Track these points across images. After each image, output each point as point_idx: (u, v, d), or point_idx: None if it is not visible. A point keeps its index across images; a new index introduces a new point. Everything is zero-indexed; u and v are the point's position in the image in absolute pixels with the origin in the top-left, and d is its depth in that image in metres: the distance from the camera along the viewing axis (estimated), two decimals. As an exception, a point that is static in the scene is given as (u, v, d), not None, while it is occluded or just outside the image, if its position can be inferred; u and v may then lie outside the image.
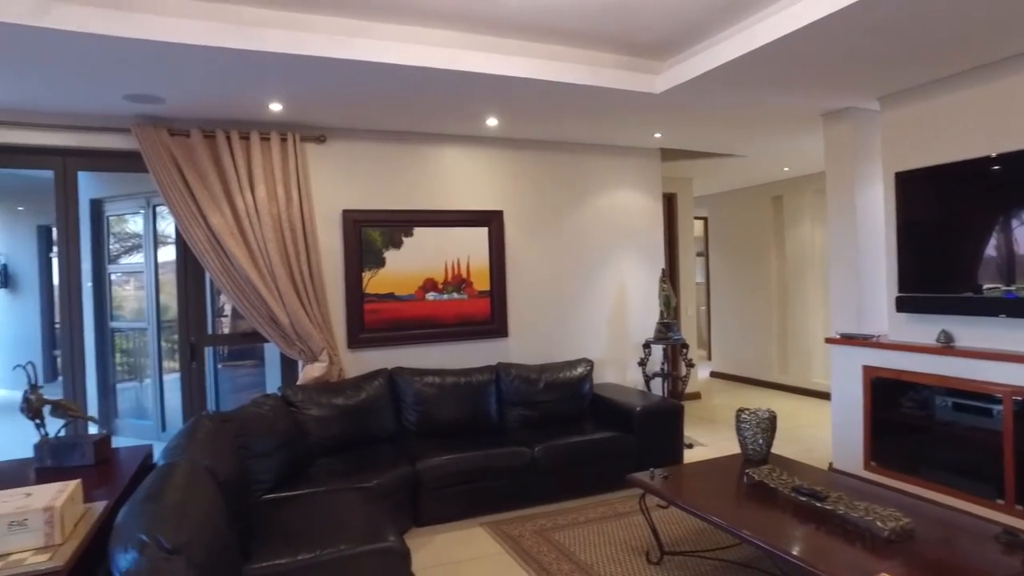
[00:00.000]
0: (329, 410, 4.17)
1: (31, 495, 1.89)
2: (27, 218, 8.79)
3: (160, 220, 6.39)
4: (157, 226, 6.23)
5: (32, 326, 8.88)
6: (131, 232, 6.62)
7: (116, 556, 1.71)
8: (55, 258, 9.04)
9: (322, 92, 3.92)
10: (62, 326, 4.37)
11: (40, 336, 8.91)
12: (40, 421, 2.67)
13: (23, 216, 8.80)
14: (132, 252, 6.65)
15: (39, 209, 8.67)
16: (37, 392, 2.69)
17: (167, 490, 2.15)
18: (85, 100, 3.91)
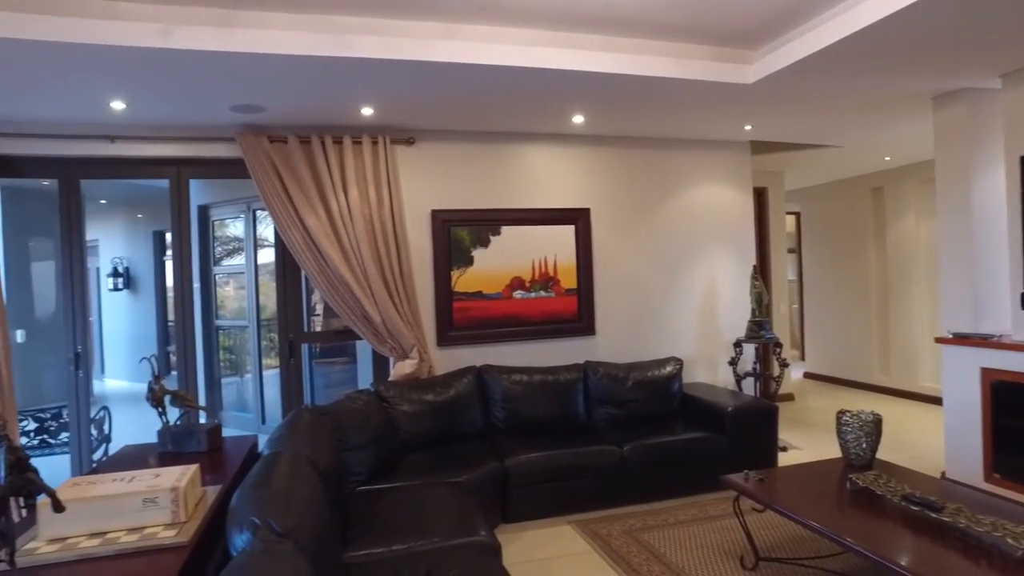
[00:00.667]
0: (420, 406, 4.28)
1: (159, 476, 2.04)
2: (145, 225, 9.48)
3: (259, 224, 6.76)
4: (257, 229, 6.59)
5: (149, 324, 9.56)
6: (232, 236, 7.02)
7: (232, 536, 1.82)
8: (168, 261, 9.71)
9: (411, 95, 4.02)
10: (176, 324, 4.69)
11: (155, 333, 9.59)
12: (162, 410, 2.88)
13: (141, 223, 9.50)
14: (233, 255, 7.06)
15: (154, 216, 9.33)
16: (160, 383, 2.90)
17: (274, 477, 2.26)
18: (196, 113, 4.18)
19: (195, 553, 1.87)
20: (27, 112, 4.11)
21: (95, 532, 1.88)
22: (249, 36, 3.24)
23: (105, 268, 9.92)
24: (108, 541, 1.84)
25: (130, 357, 9.97)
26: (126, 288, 9.86)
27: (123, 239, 9.79)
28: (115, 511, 1.89)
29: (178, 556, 1.80)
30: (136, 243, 9.72)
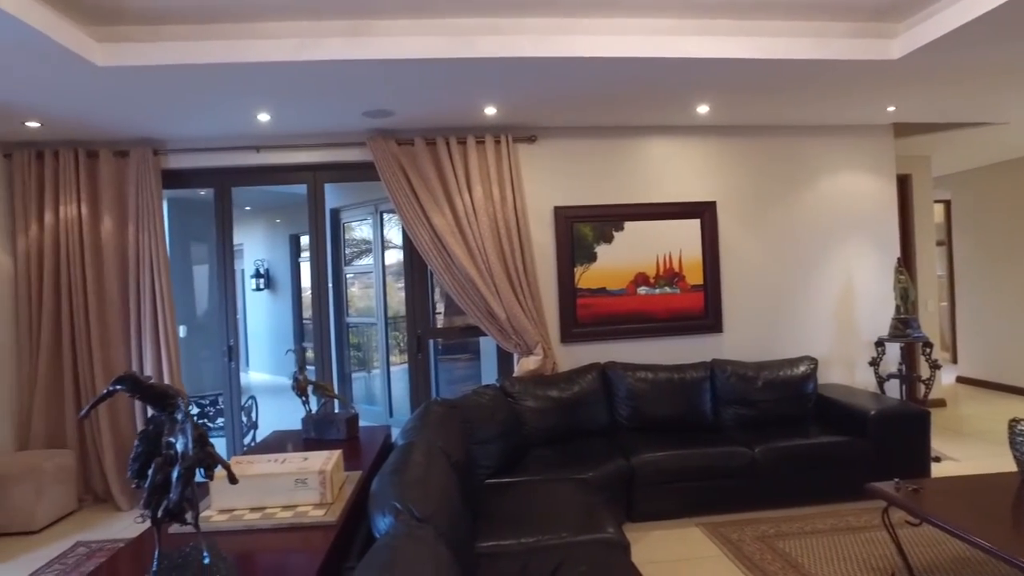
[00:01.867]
0: (544, 402, 4.30)
1: (307, 459, 2.17)
2: (282, 229, 10.20)
3: (386, 226, 7.07)
4: (384, 231, 6.89)
5: (286, 321, 10.28)
6: (359, 238, 7.39)
7: (376, 519, 1.90)
8: (303, 262, 10.40)
9: (534, 92, 4.05)
10: (313, 321, 4.99)
11: (292, 330, 10.29)
12: (305, 399, 3.08)
13: (279, 227, 10.23)
14: (361, 256, 7.43)
15: (291, 220, 10.01)
16: (304, 374, 3.11)
17: (410, 466, 2.34)
18: (331, 120, 4.44)
19: (341, 532, 1.97)
20: (189, 130, 4.53)
21: (255, 506, 2.03)
22: (378, 44, 3.39)
23: (248, 270, 10.77)
24: (267, 515, 1.99)
25: (270, 352, 10.76)
26: (266, 288, 10.64)
27: (264, 243, 10.58)
28: (272, 488, 2.04)
29: (327, 534, 1.91)
30: (275, 246, 10.48)
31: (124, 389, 1.43)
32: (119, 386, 1.43)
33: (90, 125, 4.31)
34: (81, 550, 3.95)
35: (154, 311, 4.57)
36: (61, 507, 4.41)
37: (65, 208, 4.57)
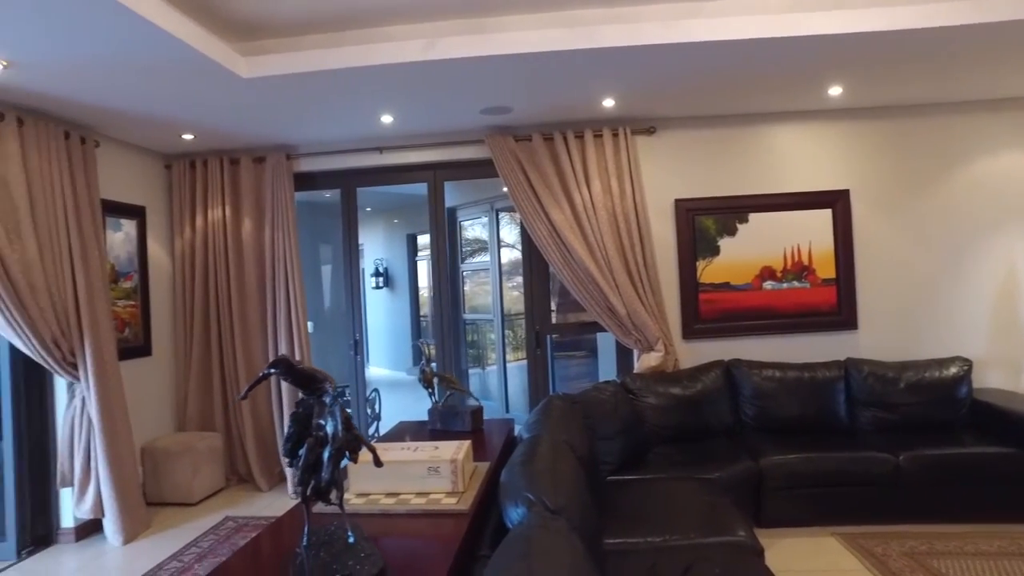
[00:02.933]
0: (666, 399, 4.18)
1: (438, 448, 2.22)
2: (400, 229, 10.59)
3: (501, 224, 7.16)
4: (499, 229, 6.97)
5: (404, 318, 10.66)
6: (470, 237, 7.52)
7: (508, 509, 1.91)
8: (419, 261, 10.75)
9: (654, 82, 3.94)
10: (434, 317, 5.12)
11: (409, 326, 10.66)
12: (432, 390, 3.16)
13: (397, 227, 10.63)
14: (475, 254, 7.57)
15: (408, 220, 10.38)
16: (430, 367, 3.19)
17: (538, 458, 2.34)
18: (451, 119, 4.54)
19: (473, 520, 1.99)
20: (318, 135, 4.78)
21: (390, 492, 2.10)
22: (500, 40, 3.41)
23: (368, 269, 11.26)
24: (401, 501, 2.05)
25: (388, 348, 11.21)
26: (385, 286, 11.09)
27: (382, 242, 11.03)
28: (405, 475, 2.10)
29: (460, 522, 1.93)
30: (392, 245, 10.89)
31: (278, 372, 1.52)
32: (274, 369, 1.51)
33: (233, 135, 4.66)
34: (230, 523, 4.27)
35: (288, 306, 4.87)
36: (212, 484, 4.81)
37: (212, 211, 4.96)
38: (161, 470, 4.60)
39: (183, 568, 3.64)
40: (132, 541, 4.05)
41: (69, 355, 3.88)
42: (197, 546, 3.93)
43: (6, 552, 3.88)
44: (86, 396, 3.96)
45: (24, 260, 3.61)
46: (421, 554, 1.76)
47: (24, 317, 3.57)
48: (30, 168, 3.73)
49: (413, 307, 10.63)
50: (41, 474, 4.04)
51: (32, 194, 3.72)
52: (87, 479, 4.00)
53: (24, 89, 3.54)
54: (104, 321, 4.11)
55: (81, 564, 3.83)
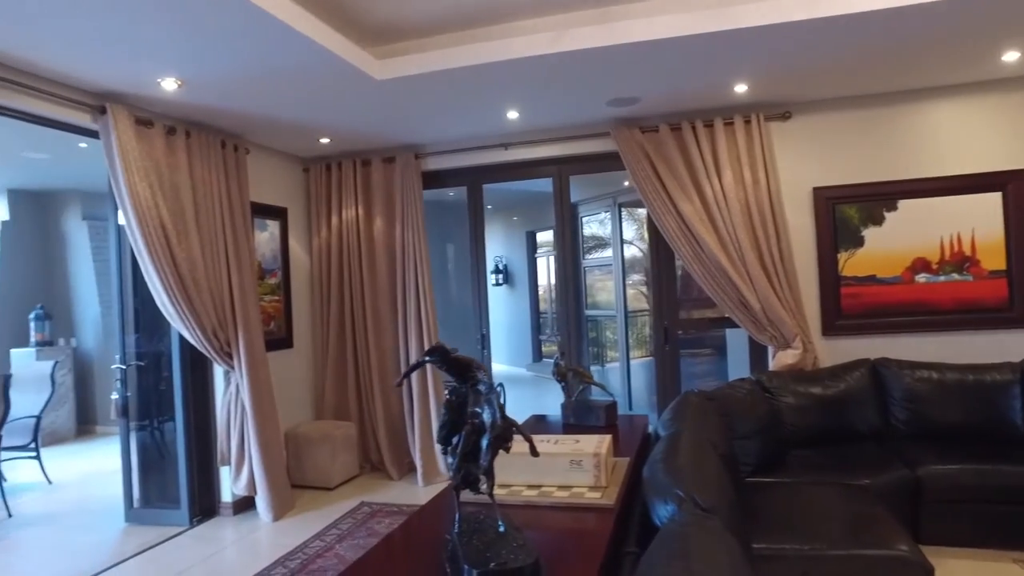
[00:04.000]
0: (805, 399, 3.94)
1: (579, 442, 2.20)
2: (519, 226, 10.69)
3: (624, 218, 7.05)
4: (622, 224, 6.85)
5: (524, 315, 10.76)
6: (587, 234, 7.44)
7: (656, 506, 1.85)
8: (539, 258, 10.81)
9: (793, 63, 3.71)
10: (559, 313, 5.11)
11: (529, 323, 10.74)
12: (565, 385, 3.14)
13: (516, 224, 10.73)
14: (592, 250, 7.49)
15: (527, 218, 10.45)
16: (566, 360, 3.18)
17: (680, 455, 2.26)
18: (576, 113, 4.50)
19: (618, 516, 1.95)
20: (445, 133, 4.90)
21: (532, 484, 2.09)
22: (628, 28, 3.33)
23: (488, 266, 11.44)
24: (544, 493, 2.04)
25: (508, 344, 11.34)
26: (505, 284, 11.23)
27: (502, 240, 11.17)
28: (548, 468, 2.09)
29: (605, 516, 1.90)
30: (512, 243, 11.01)
31: (434, 360, 1.55)
32: (429, 357, 1.55)
33: (366, 136, 4.87)
34: (365, 509, 4.48)
35: (417, 301, 5.03)
36: (348, 471, 5.06)
37: (346, 211, 5.22)
38: (303, 455, 4.90)
39: (326, 548, 3.85)
40: (280, 519, 4.34)
41: (225, 345, 4.21)
42: (337, 528, 4.15)
43: (180, 518, 4.30)
44: (239, 384, 4.28)
45: (190, 258, 3.95)
46: (569, 547, 1.74)
47: (190, 309, 3.91)
48: (195, 175, 4.08)
49: (532, 304, 10.70)
50: (205, 453, 4.42)
51: (196, 199, 4.07)
52: (242, 459, 4.32)
53: (192, 104, 3.88)
54: (254, 315, 4.42)
55: (239, 536, 4.15)
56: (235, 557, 3.91)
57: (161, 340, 4.49)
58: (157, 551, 3.96)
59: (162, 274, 3.76)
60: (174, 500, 4.34)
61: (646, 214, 4.72)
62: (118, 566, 3.78)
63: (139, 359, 4.46)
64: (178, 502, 4.32)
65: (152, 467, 4.53)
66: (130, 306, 4.39)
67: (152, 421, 4.58)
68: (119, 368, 4.39)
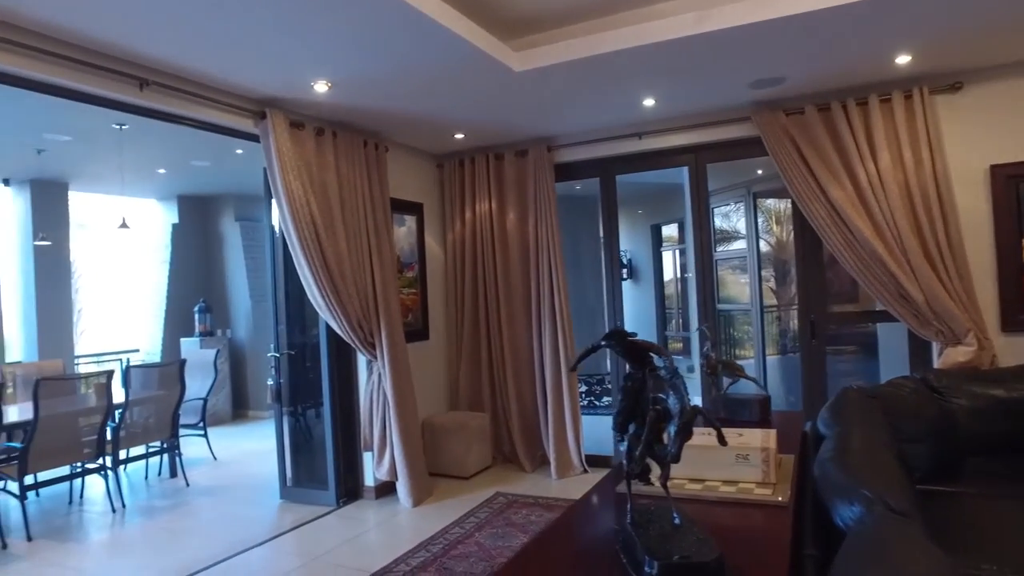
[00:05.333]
0: (983, 402, 3.54)
1: (742, 436, 2.09)
2: (644, 219, 10.46)
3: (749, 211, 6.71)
4: (757, 214, 6.52)
5: (649, 310, 10.52)
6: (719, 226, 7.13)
7: (838, 507, 1.72)
8: (664, 251, 10.53)
9: (970, 23, 3.32)
10: (698, 307, 4.92)
11: (654, 319, 10.49)
12: (715, 378, 3.01)
13: (640, 218, 10.51)
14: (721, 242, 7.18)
15: (652, 211, 10.21)
16: (716, 352, 3.05)
17: (852, 454, 2.09)
18: (714, 97, 4.32)
19: (794, 515, 1.83)
20: (578, 124, 4.87)
21: (695, 477, 2.01)
22: (777, 1, 3.13)
23: (612, 261, 11.28)
24: (708, 488, 1.95)
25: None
26: (629, 278, 11.03)
27: (626, 234, 10.92)
28: (712, 462, 1.99)
29: (779, 515, 1.78)
30: (636, 237, 10.78)
31: (610, 344, 1.51)
32: (606, 341, 1.51)
33: (499, 130, 4.92)
34: (500, 499, 4.54)
35: (551, 295, 5.03)
36: (482, 461, 5.16)
37: (479, 205, 5.31)
38: (439, 444, 5.04)
39: (465, 535, 3.93)
40: (419, 505, 4.49)
41: (369, 336, 4.40)
42: (475, 517, 4.23)
43: (328, 499, 4.56)
44: (382, 373, 4.46)
45: (337, 252, 4.17)
46: (745, 545, 1.65)
47: (338, 300, 4.12)
48: (341, 174, 4.30)
49: (658, 299, 10.45)
50: (349, 438, 4.65)
51: (342, 195, 4.28)
52: (384, 446, 4.51)
53: (339, 105, 4.09)
54: (394, 307, 4.60)
55: (381, 519, 4.33)
56: (379, 539, 4.08)
57: (309, 331, 4.77)
58: (309, 528, 4.21)
59: (313, 266, 3.98)
60: (322, 481, 4.60)
61: (776, 204, 4.45)
62: (276, 539, 4.06)
63: (290, 348, 4.77)
64: (326, 483, 4.58)
65: (301, 449, 4.83)
66: (282, 299, 4.70)
67: (301, 407, 4.89)
68: (273, 356, 4.71)
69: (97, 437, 4.65)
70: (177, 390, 5.26)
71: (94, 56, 3.08)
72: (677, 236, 10.79)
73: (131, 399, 5.07)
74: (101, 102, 3.31)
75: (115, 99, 3.31)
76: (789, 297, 7.48)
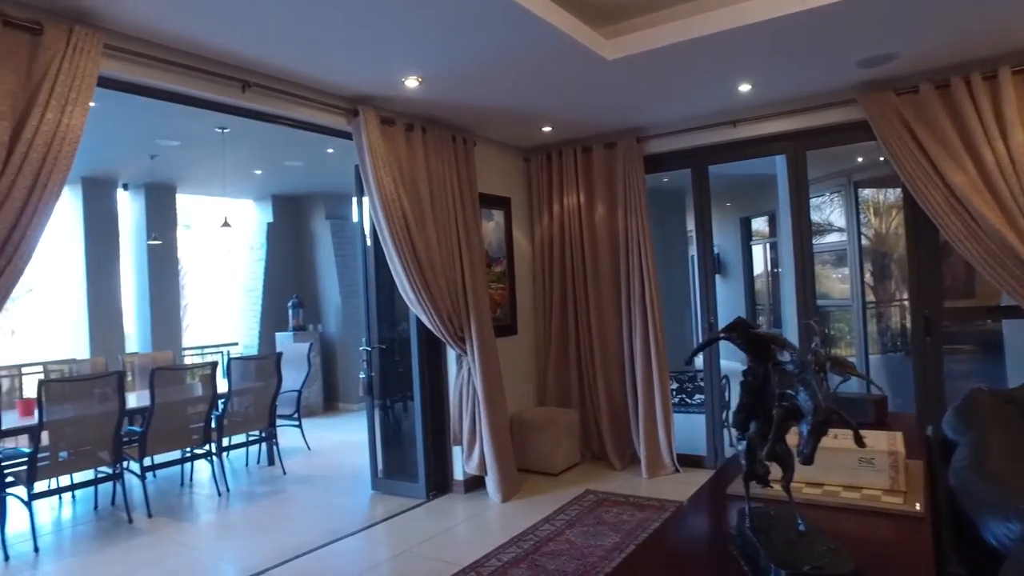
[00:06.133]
0: None
1: (865, 438, 1.93)
2: (733, 212, 10.09)
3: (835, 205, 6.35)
4: (858, 204, 6.15)
5: (738, 307, 10.14)
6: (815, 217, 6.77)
7: (989, 523, 1.56)
8: (755, 245, 10.13)
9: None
10: (799, 304, 4.66)
11: (744, 315, 10.09)
12: (824, 375, 2.83)
13: (729, 211, 10.14)
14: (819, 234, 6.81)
15: (741, 204, 9.83)
16: (826, 348, 2.87)
17: (994, 462, 1.90)
18: (816, 79, 4.07)
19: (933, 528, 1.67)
20: (669, 114, 4.72)
21: (812, 481, 1.87)
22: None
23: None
24: (828, 492, 1.81)
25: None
26: (717, 273, 10.67)
27: (715, 227, 10.59)
28: (831, 465, 1.85)
29: (914, 527, 1.63)
30: (724, 231, 10.41)
31: (730, 336, 1.41)
32: (726, 333, 1.42)
33: (587, 122, 4.84)
34: (590, 497, 4.46)
35: (641, 289, 4.90)
36: (570, 458, 5.09)
37: (567, 199, 5.24)
38: (527, 440, 5.00)
39: (556, 532, 3.87)
40: (508, 500, 4.47)
41: (459, 330, 4.42)
42: (565, 514, 4.17)
43: (418, 491, 4.61)
44: (471, 367, 4.47)
45: (428, 247, 4.20)
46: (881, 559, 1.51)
47: (428, 295, 4.16)
48: (431, 169, 4.33)
49: (747, 295, 10.06)
50: (439, 432, 4.69)
51: (432, 190, 4.31)
52: (473, 440, 4.52)
53: (428, 101, 4.12)
54: (483, 301, 4.60)
55: (470, 513, 4.34)
56: (469, 533, 4.09)
57: (399, 326, 4.85)
58: (400, 519, 4.28)
59: (404, 261, 4.03)
60: (412, 474, 4.66)
61: (875, 195, 4.15)
62: (369, 529, 4.14)
63: (381, 343, 4.85)
64: (416, 476, 4.63)
65: (392, 441, 4.91)
66: (373, 294, 4.79)
67: (391, 400, 4.97)
68: (365, 350, 4.81)
69: (203, 424, 4.90)
70: (274, 382, 5.47)
71: (200, 60, 3.22)
72: (768, 230, 10.35)
73: (233, 390, 5.31)
74: (207, 105, 3.46)
75: (220, 101, 3.44)
76: (889, 293, 7.02)
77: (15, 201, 2.40)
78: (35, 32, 2.52)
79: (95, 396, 4.30)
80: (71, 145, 2.58)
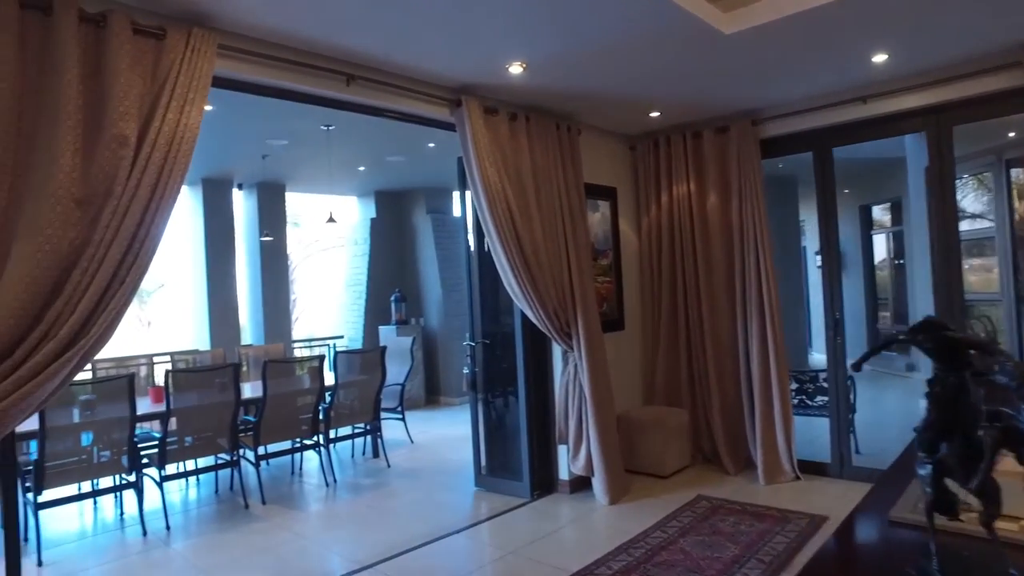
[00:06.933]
0: None
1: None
2: (850, 200, 9.37)
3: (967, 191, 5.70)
4: (1011, 184, 5.49)
5: (857, 301, 9.41)
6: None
7: None
8: (875, 235, 9.36)
9: None
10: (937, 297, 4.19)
11: (864, 311, 9.37)
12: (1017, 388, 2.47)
13: (847, 198, 9.42)
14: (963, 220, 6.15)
15: (861, 190, 9.11)
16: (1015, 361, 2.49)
17: None
18: (965, 43, 3.61)
19: None
20: (788, 93, 4.36)
21: (1009, 515, 1.58)
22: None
23: (812, 247, 10.25)
24: None
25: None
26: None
27: (832, 216, 9.89)
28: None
29: None
30: (842, 220, 9.68)
31: (916, 340, 1.19)
32: (911, 335, 1.19)
33: (698, 105, 4.55)
34: (703, 503, 4.20)
35: (758, 282, 4.57)
36: (680, 459, 4.84)
37: (676, 188, 4.97)
38: (634, 440, 4.79)
39: (668, 540, 3.66)
40: (616, 503, 4.28)
41: (565, 326, 4.27)
42: (677, 521, 3.94)
43: (522, 490, 4.51)
44: (578, 364, 4.31)
45: (533, 239, 4.07)
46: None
47: (534, 288, 4.03)
48: (535, 159, 4.20)
49: (868, 289, 9.31)
50: (543, 430, 4.57)
51: (536, 181, 4.18)
52: (579, 440, 4.36)
53: (532, 88, 3.98)
54: (590, 295, 4.42)
55: (576, 515, 4.20)
56: (576, 536, 3.94)
57: (502, 320, 4.75)
58: (504, 519, 4.19)
59: (509, 254, 3.91)
60: (516, 472, 4.56)
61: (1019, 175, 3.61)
62: (474, 527, 4.08)
63: (484, 337, 4.78)
64: (520, 475, 4.53)
65: (495, 438, 4.83)
66: (476, 288, 4.71)
67: (493, 395, 4.89)
68: (469, 345, 4.75)
69: (312, 416, 5.02)
70: (379, 375, 5.53)
71: (305, 56, 3.22)
72: (889, 218, 9.52)
73: (339, 382, 5.41)
74: (313, 100, 3.47)
75: (325, 96, 3.45)
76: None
77: (141, 200, 2.46)
78: (159, 37, 2.58)
79: (215, 386, 4.49)
80: (189, 144, 2.62)
